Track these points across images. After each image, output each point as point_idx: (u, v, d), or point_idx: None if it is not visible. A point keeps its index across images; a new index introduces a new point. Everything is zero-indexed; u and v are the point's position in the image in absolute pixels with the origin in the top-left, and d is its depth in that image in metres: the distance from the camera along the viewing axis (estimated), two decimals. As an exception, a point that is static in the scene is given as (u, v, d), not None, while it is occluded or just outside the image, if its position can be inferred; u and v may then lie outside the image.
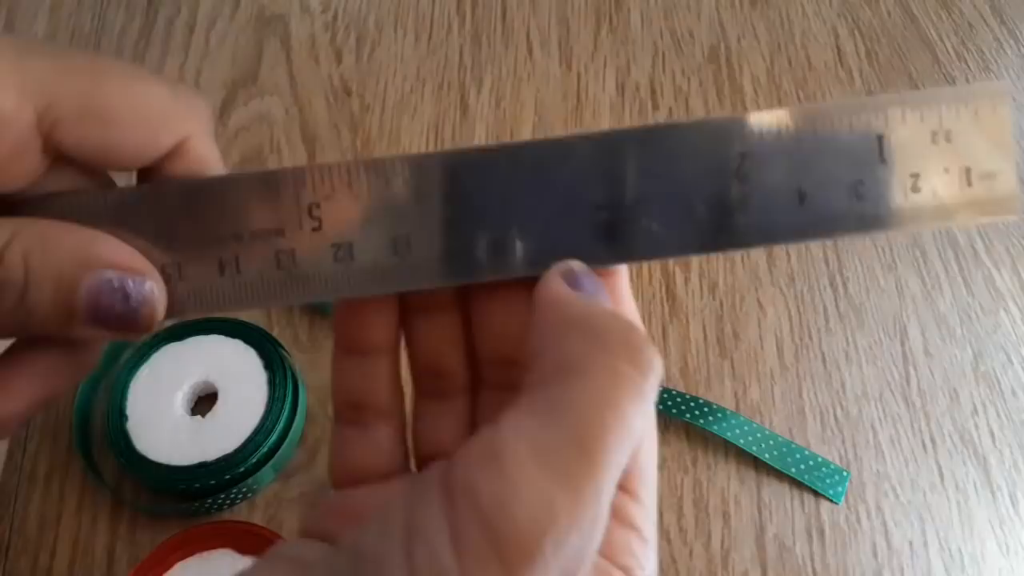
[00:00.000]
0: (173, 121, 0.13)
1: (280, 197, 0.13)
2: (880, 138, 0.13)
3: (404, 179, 0.13)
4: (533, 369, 0.12)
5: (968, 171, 0.13)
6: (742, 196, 0.13)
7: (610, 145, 0.13)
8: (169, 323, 0.30)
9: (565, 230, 0.13)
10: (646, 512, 0.13)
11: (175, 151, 0.13)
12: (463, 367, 0.15)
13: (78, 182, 0.14)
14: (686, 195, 0.13)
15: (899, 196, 0.13)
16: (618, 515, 0.13)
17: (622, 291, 0.14)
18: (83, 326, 0.12)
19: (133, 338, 0.13)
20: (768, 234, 0.13)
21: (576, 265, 0.13)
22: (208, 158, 0.14)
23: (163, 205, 0.13)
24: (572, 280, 0.13)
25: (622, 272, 0.14)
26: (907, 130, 0.13)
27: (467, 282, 0.14)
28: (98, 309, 0.12)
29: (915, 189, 0.13)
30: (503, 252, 0.13)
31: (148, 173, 0.14)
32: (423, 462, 0.15)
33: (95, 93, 0.12)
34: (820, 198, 0.13)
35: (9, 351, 0.13)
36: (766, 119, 0.13)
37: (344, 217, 0.13)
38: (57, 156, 0.13)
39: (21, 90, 0.12)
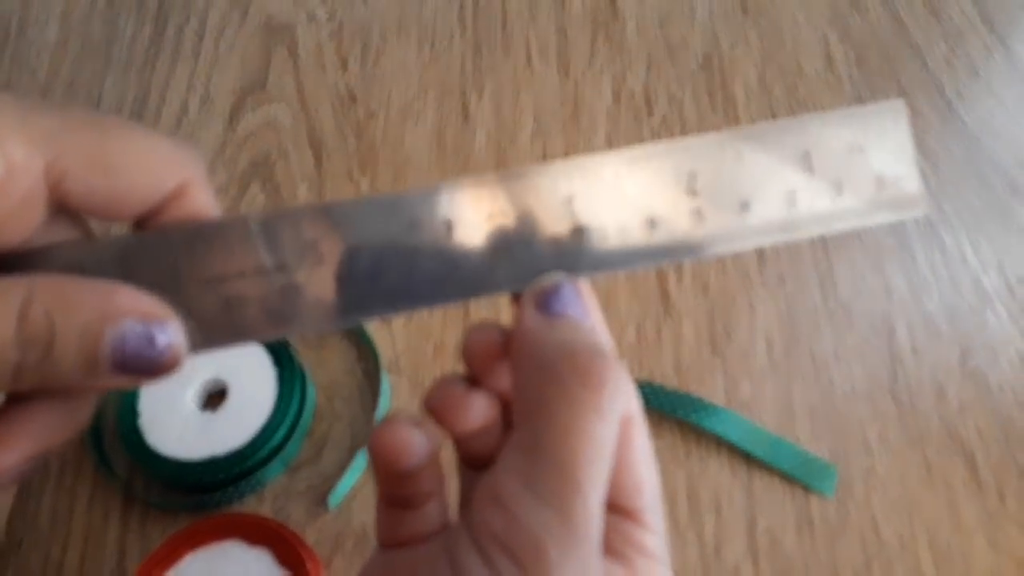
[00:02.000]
0: (175, 166, 0.14)
1: (281, 235, 0.14)
2: (807, 153, 0.15)
3: (398, 213, 0.14)
4: (515, 406, 0.14)
5: (881, 177, 0.15)
6: (697, 208, 0.15)
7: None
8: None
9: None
10: (660, 538, 0.15)
11: (174, 196, 0.14)
12: None
13: (67, 234, 0.14)
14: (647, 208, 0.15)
15: (826, 201, 0.15)
16: (642, 550, 0.14)
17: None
18: (108, 375, 0.12)
19: (151, 383, 0.13)
20: (722, 238, 0.15)
21: (548, 282, 0.14)
22: (206, 202, 0.14)
23: (166, 249, 0.14)
24: (542, 301, 0.14)
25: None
26: (827, 145, 0.15)
27: (469, 298, 0.14)
28: (124, 357, 0.12)
29: (839, 193, 0.15)
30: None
31: (143, 223, 0.14)
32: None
33: (101, 143, 0.13)
34: (760, 207, 0.15)
35: (5, 405, 0.13)
36: (709, 139, 0.15)
37: (344, 249, 0.14)
38: (58, 208, 0.13)
39: (29, 143, 0.12)
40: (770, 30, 0.42)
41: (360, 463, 0.30)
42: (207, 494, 0.28)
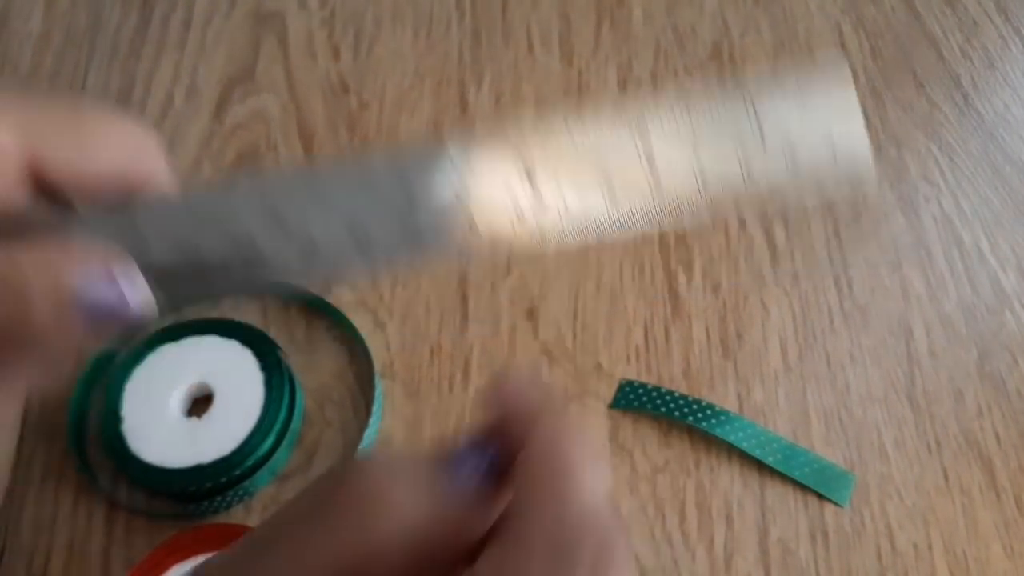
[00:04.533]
0: (138, 139, 0.15)
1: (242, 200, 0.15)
2: (759, 124, 0.15)
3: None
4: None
5: (834, 149, 0.15)
6: (655, 177, 0.15)
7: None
8: (165, 323, 0.30)
9: None
10: None
11: (138, 170, 0.15)
12: None
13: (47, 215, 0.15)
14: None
15: (781, 172, 0.15)
16: None
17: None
18: (78, 324, 0.13)
19: (121, 330, 0.14)
20: (682, 207, 0.15)
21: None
22: (166, 173, 0.15)
23: (133, 218, 0.14)
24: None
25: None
26: (779, 116, 0.15)
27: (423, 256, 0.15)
28: (94, 304, 0.13)
29: (793, 164, 0.15)
30: None
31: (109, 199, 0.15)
32: None
33: (75, 123, 0.14)
34: (717, 175, 0.15)
35: None
36: (661, 105, 0.15)
37: (307, 208, 0.15)
38: (38, 188, 0.14)
39: (14, 126, 0.13)
40: (782, 18, 0.41)
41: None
42: (192, 503, 0.27)
